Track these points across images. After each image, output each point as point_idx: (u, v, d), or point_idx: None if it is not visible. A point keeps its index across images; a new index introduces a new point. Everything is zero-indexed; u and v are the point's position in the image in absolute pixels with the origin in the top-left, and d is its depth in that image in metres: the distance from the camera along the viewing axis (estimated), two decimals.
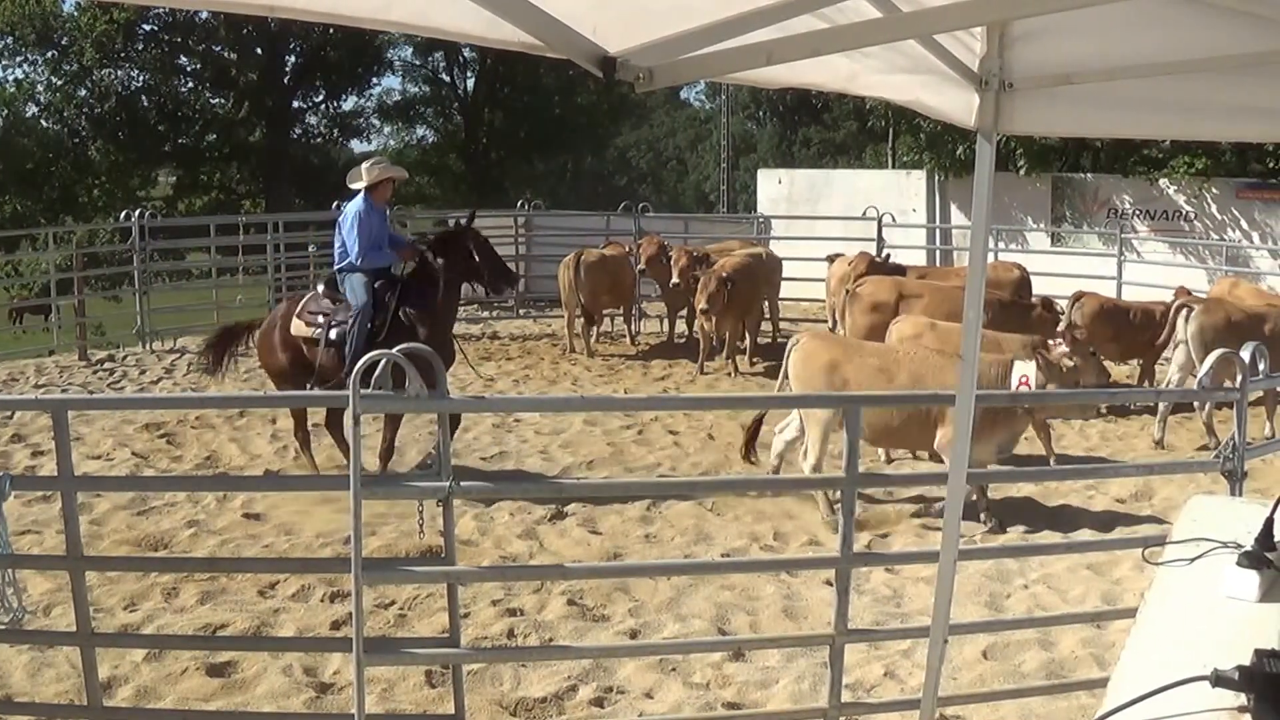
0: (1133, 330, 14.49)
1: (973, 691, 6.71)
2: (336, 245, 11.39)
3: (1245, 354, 6.43)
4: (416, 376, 5.33)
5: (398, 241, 11.69)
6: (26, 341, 23.87)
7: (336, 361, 10.88)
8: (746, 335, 16.73)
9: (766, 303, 17.87)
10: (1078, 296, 14.59)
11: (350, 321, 10.95)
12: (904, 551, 8.90)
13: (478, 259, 11.39)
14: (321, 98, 45.51)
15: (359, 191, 11.13)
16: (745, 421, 12.86)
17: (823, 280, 18.57)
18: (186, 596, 8.03)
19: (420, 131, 49.55)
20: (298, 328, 11.26)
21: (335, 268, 11.40)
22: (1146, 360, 14.99)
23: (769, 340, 17.96)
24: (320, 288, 11.51)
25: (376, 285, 11.12)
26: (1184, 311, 13.17)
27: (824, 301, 18.64)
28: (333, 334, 11.02)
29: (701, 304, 15.41)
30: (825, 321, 18.46)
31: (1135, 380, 15.25)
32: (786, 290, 18.85)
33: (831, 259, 18.05)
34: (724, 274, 15.27)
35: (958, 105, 3.99)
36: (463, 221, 11.64)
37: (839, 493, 4.82)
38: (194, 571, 8.26)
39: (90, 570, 6.89)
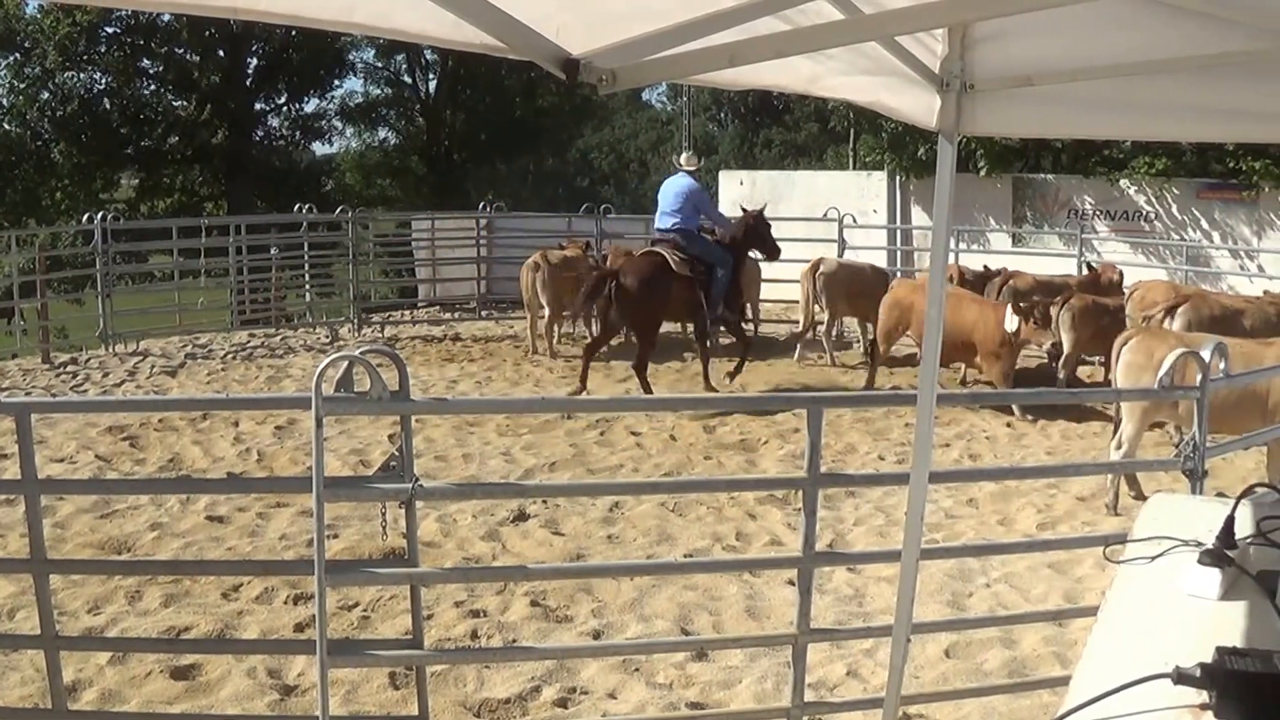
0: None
1: (935, 690, 6.73)
2: (677, 211, 14.54)
3: (1205, 353, 6.47)
4: (379, 378, 5.30)
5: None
6: None
7: (699, 300, 14.49)
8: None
9: (748, 304, 17.86)
10: (1067, 297, 14.62)
11: (720, 271, 14.60)
12: (866, 551, 8.90)
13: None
14: (284, 100, 45.21)
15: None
16: (707, 422, 12.96)
17: (785, 281, 18.65)
18: (150, 599, 7.98)
19: (382, 133, 49.36)
20: (683, 269, 14.37)
21: (676, 230, 14.57)
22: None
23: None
24: (664, 249, 14.54)
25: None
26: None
27: (786, 302, 18.65)
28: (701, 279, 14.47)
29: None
30: (796, 322, 18.44)
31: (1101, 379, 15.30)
32: None
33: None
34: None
35: (919, 106, 4.01)
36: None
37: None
38: (157, 574, 8.21)
39: (54, 573, 6.82)
